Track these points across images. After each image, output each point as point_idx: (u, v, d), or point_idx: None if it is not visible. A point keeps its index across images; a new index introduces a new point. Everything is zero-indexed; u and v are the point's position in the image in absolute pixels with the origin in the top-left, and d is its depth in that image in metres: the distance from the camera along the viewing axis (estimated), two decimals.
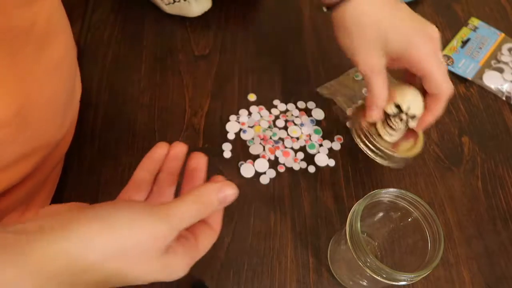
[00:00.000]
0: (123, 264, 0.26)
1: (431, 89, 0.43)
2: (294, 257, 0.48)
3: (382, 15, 0.42)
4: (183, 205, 0.28)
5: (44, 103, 0.39)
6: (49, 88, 0.40)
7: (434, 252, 0.37)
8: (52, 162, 0.46)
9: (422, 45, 0.41)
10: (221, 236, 0.48)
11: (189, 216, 0.28)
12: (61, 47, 0.41)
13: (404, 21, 0.42)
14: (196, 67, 0.61)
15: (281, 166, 0.53)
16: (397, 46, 0.42)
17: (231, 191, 0.30)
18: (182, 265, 0.29)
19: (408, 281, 0.36)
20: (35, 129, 0.39)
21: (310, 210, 0.51)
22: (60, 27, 0.42)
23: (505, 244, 0.50)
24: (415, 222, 0.40)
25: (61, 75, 0.42)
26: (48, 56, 0.39)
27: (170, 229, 0.27)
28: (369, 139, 0.47)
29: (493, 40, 0.67)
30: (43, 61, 0.38)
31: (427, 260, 0.37)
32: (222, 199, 0.29)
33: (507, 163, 0.56)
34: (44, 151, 0.42)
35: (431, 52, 0.41)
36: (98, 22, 0.65)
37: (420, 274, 0.36)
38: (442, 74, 0.42)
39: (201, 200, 0.29)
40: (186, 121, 0.56)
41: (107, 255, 0.25)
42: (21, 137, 0.37)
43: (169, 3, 0.63)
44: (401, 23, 0.42)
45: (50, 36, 0.39)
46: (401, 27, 0.42)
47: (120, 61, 0.61)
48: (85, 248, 0.25)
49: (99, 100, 0.57)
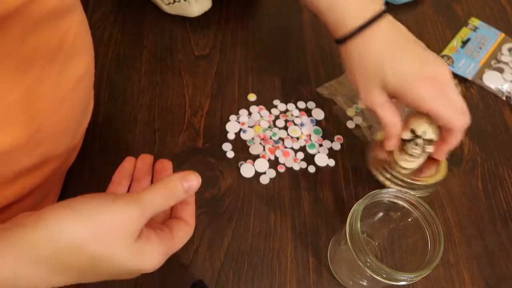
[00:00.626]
0: (99, 247, 0.28)
1: (443, 125, 0.43)
2: (294, 257, 0.48)
3: (386, 56, 0.43)
4: (150, 192, 0.30)
5: (59, 121, 0.38)
6: (68, 105, 0.39)
7: (434, 252, 0.37)
8: (60, 172, 0.46)
9: (421, 88, 0.42)
10: (221, 236, 0.48)
11: (158, 201, 0.30)
12: (83, 65, 0.40)
13: (405, 64, 0.42)
14: (196, 67, 0.61)
15: (281, 166, 0.53)
16: (395, 87, 0.42)
17: (194, 178, 0.32)
18: (158, 253, 0.30)
19: (407, 281, 0.36)
20: (48, 145, 0.38)
21: (310, 210, 0.51)
22: (85, 44, 0.41)
23: (505, 244, 0.50)
24: (415, 222, 0.40)
25: (79, 93, 0.41)
26: (71, 74, 0.38)
27: (140, 211, 0.29)
28: (388, 170, 0.47)
29: (493, 40, 0.67)
30: (66, 79, 0.37)
31: (427, 260, 0.37)
32: (186, 187, 0.32)
33: (507, 163, 0.56)
34: (54, 163, 0.41)
35: (432, 93, 0.42)
36: (98, 22, 0.65)
37: (420, 274, 0.36)
38: (449, 111, 0.42)
39: (167, 187, 0.31)
40: (186, 121, 0.56)
41: (81, 239, 0.27)
42: (33, 152, 0.37)
43: (169, 3, 0.63)
44: (401, 66, 0.42)
45: (74, 55, 0.38)
46: (399, 71, 0.42)
47: (120, 61, 0.61)
48: (58, 234, 0.27)
49: (99, 100, 0.57)
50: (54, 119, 0.37)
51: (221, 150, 0.54)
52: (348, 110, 0.58)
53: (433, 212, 0.38)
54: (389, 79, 0.42)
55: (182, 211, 0.36)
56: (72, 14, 0.37)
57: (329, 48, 0.64)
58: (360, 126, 0.57)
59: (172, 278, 0.46)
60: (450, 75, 0.43)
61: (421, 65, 0.43)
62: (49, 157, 0.39)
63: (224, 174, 0.52)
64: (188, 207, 0.36)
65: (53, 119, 0.37)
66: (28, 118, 0.34)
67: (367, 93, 0.44)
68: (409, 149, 0.46)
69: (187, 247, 0.47)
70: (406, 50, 0.44)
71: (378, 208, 0.43)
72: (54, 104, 0.36)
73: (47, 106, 0.36)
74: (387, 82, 0.43)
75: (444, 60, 0.63)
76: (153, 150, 0.53)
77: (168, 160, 0.39)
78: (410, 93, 0.42)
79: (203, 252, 0.47)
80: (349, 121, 0.58)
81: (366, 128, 0.57)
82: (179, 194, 0.32)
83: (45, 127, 0.36)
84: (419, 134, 0.45)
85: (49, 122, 0.36)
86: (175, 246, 0.33)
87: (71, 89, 0.39)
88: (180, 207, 0.36)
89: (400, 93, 0.43)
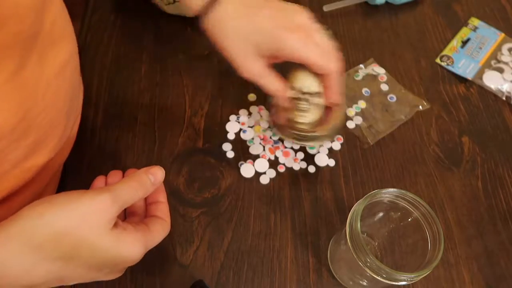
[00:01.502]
0: (78, 234, 0.30)
1: (317, 72, 0.44)
2: (294, 257, 0.48)
3: (244, 20, 0.42)
4: (120, 183, 0.33)
5: (47, 108, 0.39)
6: (53, 92, 0.39)
7: (434, 252, 0.37)
8: (55, 165, 0.46)
9: (288, 38, 0.42)
10: (221, 236, 0.48)
11: (127, 190, 0.33)
12: (65, 51, 0.41)
13: (266, 19, 0.42)
14: (196, 67, 0.61)
15: (281, 166, 0.53)
16: (266, 47, 0.42)
17: (158, 171, 0.35)
18: (136, 240, 0.32)
19: (408, 281, 0.36)
20: (38, 133, 0.39)
21: (310, 210, 0.51)
22: (65, 32, 0.42)
23: (505, 244, 0.50)
24: (415, 222, 0.40)
25: (65, 79, 0.42)
26: (52, 61, 0.38)
27: (111, 199, 0.31)
28: (290, 128, 0.47)
29: (493, 40, 0.67)
30: (48, 66, 0.38)
31: (427, 260, 0.37)
32: (152, 179, 0.35)
33: (507, 163, 0.56)
34: (46, 155, 0.42)
35: (300, 40, 0.42)
36: (98, 22, 0.65)
37: (420, 274, 0.36)
38: (319, 56, 0.43)
39: (134, 179, 0.34)
40: (186, 121, 0.56)
41: (60, 227, 0.29)
42: (24, 143, 0.37)
43: (169, 3, 0.63)
44: (263, 22, 0.42)
45: (55, 41, 0.39)
46: (263, 27, 0.42)
47: (120, 61, 0.61)
48: (42, 223, 0.29)
49: (99, 100, 0.57)
50: (40, 107, 0.37)
51: (221, 150, 0.54)
52: (348, 110, 0.58)
53: (433, 212, 0.38)
54: (256, 39, 0.42)
55: (156, 210, 0.38)
56: (50, 3, 0.37)
57: None
58: (360, 126, 0.57)
59: (172, 278, 0.46)
60: (312, 19, 0.43)
61: (282, 16, 0.43)
62: (40, 149, 0.40)
63: (224, 174, 0.52)
64: (162, 205, 0.38)
65: (39, 107, 0.37)
66: (12, 106, 0.34)
67: (243, 64, 0.43)
68: (299, 106, 0.46)
69: (187, 247, 0.47)
70: (263, 6, 0.43)
71: (378, 208, 0.43)
72: (38, 92, 0.37)
73: (31, 93, 0.36)
74: (257, 44, 0.42)
75: (443, 62, 0.64)
76: (153, 150, 0.53)
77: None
78: (282, 47, 0.42)
79: (203, 252, 0.47)
80: (349, 121, 0.58)
81: (366, 128, 0.57)
82: (147, 186, 0.34)
83: (32, 116, 0.36)
84: (304, 91, 0.45)
85: (36, 110, 0.37)
86: (153, 238, 0.35)
87: (55, 76, 0.39)
88: (154, 206, 0.38)
89: (274, 51, 0.42)
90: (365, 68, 0.62)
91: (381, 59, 0.64)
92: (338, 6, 0.67)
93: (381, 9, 0.69)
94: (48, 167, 0.43)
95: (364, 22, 0.68)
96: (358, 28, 0.67)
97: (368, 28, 0.67)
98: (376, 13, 0.69)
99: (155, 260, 0.46)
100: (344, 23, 0.67)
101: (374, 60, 0.63)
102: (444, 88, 0.62)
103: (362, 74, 0.62)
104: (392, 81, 0.61)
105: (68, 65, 0.42)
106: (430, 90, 0.61)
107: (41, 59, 0.37)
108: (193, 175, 0.52)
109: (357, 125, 0.57)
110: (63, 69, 0.41)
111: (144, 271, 0.46)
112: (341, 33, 0.66)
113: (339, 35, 0.66)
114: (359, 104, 0.59)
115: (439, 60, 0.64)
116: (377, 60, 0.63)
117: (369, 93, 0.60)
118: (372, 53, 0.64)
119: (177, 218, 0.48)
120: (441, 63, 0.64)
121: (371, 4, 0.69)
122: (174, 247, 0.47)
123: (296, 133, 0.47)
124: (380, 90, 0.61)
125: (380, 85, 0.61)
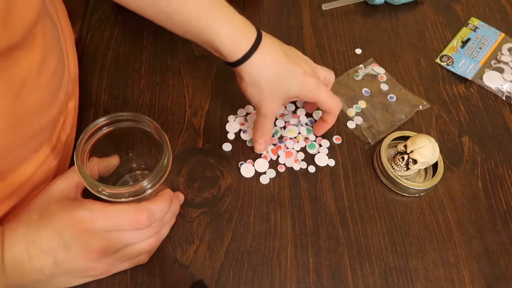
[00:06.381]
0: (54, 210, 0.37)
1: (325, 110, 0.51)
2: (294, 257, 0.48)
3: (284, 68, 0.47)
4: None
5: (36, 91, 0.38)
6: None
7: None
8: (58, 163, 0.46)
9: (310, 83, 0.49)
10: (221, 236, 0.48)
11: None
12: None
13: (297, 64, 0.48)
14: (196, 67, 0.61)
15: (281, 166, 0.53)
16: (296, 91, 0.48)
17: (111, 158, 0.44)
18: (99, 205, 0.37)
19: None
20: (30, 121, 0.39)
21: (310, 210, 0.51)
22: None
23: (505, 244, 0.50)
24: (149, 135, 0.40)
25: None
26: None
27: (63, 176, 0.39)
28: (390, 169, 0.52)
29: (493, 40, 0.67)
30: None
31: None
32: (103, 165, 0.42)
33: (507, 163, 0.56)
34: (46, 150, 0.42)
35: (316, 84, 0.49)
36: (98, 22, 0.65)
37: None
38: (329, 98, 0.50)
39: None
40: (186, 121, 0.56)
41: (42, 208, 0.37)
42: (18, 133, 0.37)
43: None
44: (295, 67, 0.48)
45: None
46: (295, 72, 0.48)
47: (120, 61, 0.61)
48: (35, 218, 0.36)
49: (99, 100, 0.57)
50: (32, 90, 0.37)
51: (221, 150, 0.54)
52: (348, 110, 0.58)
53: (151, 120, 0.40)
54: (291, 89, 0.48)
55: None
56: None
57: (329, 48, 0.64)
58: (360, 126, 0.57)
59: (172, 278, 0.46)
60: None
61: (304, 67, 0.49)
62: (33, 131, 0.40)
63: (224, 174, 0.52)
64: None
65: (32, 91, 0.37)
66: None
67: (271, 105, 0.48)
68: (397, 160, 0.52)
69: (187, 247, 0.47)
70: (293, 56, 0.49)
71: None
72: None
73: None
74: (290, 91, 0.48)
75: (443, 62, 0.64)
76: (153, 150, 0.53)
77: None
78: (304, 90, 0.49)
79: (203, 252, 0.47)
80: (349, 121, 0.58)
81: (366, 128, 0.57)
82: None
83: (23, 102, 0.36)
84: (407, 151, 0.51)
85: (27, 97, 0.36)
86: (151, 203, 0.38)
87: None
88: None
89: (298, 93, 0.49)
90: (365, 68, 0.62)
91: (381, 59, 0.64)
92: (336, 5, 0.67)
93: (381, 9, 0.69)
94: (48, 161, 0.44)
95: (364, 21, 0.68)
96: (358, 28, 0.67)
97: (368, 28, 0.67)
98: (376, 13, 0.69)
99: (155, 260, 0.46)
100: (343, 22, 0.67)
101: (374, 60, 0.63)
102: (444, 88, 0.62)
103: (362, 74, 0.62)
104: (392, 81, 0.61)
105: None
106: (430, 90, 0.61)
107: None
108: (193, 175, 0.52)
109: (357, 125, 0.57)
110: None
111: (144, 271, 0.46)
112: (340, 33, 0.66)
113: (338, 35, 0.66)
114: (359, 104, 0.59)
115: (439, 60, 0.64)
116: (377, 60, 0.64)
117: (369, 93, 0.60)
118: (372, 53, 0.64)
119: (177, 218, 0.48)
120: (441, 63, 0.64)
121: (370, 4, 0.69)
122: (174, 247, 0.47)
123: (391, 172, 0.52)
124: (380, 90, 0.61)
125: (380, 85, 0.61)
